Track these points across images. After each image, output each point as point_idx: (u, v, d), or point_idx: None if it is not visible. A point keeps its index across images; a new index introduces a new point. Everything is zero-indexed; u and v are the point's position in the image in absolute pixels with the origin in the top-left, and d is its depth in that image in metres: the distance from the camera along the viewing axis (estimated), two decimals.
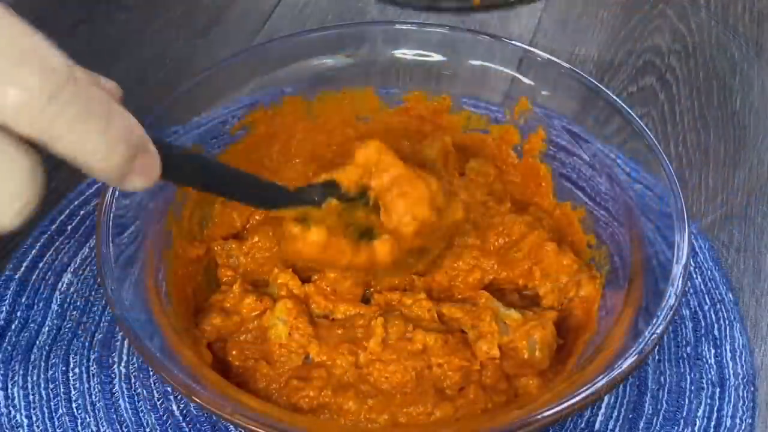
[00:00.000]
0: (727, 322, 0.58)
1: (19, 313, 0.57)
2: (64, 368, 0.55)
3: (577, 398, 0.42)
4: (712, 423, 0.54)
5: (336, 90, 0.59)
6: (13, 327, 0.56)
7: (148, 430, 0.53)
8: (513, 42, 0.58)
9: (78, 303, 0.58)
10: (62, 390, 0.54)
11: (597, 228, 0.55)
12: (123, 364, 0.55)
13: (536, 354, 0.51)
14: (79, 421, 0.53)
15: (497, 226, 0.56)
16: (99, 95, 0.30)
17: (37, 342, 0.56)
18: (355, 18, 0.80)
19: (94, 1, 0.82)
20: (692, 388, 0.55)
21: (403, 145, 0.60)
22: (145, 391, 0.54)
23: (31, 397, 0.53)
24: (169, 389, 0.54)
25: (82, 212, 0.63)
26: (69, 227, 0.62)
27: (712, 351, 0.57)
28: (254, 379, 0.50)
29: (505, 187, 0.59)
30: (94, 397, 0.54)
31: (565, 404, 0.42)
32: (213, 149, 0.57)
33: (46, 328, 0.57)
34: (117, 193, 0.49)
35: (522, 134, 0.59)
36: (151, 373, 0.55)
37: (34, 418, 0.53)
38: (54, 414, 0.53)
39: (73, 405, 0.53)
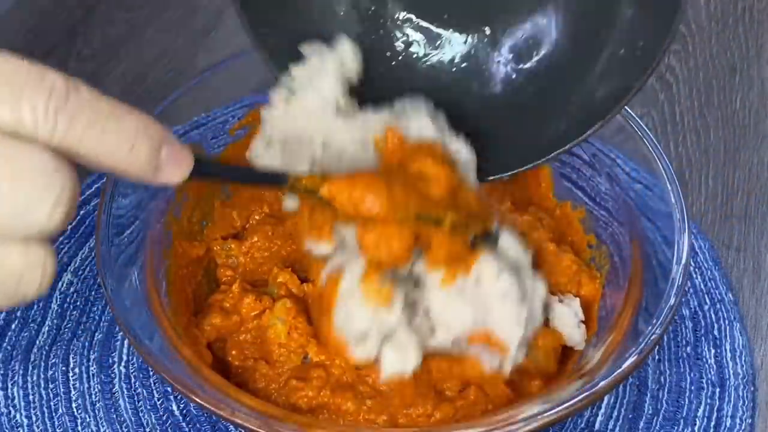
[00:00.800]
0: (727, 322, 0.58)
1: (18, 313, 0.57)
2: (64, 368, 0.55)
3: (577, 398, 0.42)
4: (712, 423, 0.54)
5: None
6: (13, 327, 0.56)
7: (148, 430, 0.53)
8: None
9: (78, 303, 0.58)
10: (62, 390, 0.54)
11: (597, 228, 0.55)
12: (123, 364, 0.55)
13: (541, 362, 0.50)
14: (79, 421, 0.53)
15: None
16: (105, 100, 0.33)
17: (37, 342, 0.56)
18: None
19: (94, 1, 0.82)
20: (692, 388, 0.55)
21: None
22: (145, 391, 0.54)
23: (31, 397, 0.53)
24: (169, 389, 0.54)
25: (82, 212, 0.63)
26: (69, 227, 0.62)
27: (712, 351, 0.57)
28: (253, 379, 0.50)
29: (505, 186, 0.59)
30: (94, 397, 0.54)
31: (565, 404, 0.42)
32: (213, 149, 0.57)
33: (46, 328, 0.57)
34: (117, 193, 0.49)
35: None
36: (151, 373, 0.55)
37: (34, 418, 0.53)
38: (54, 414, 0.53)
39: (73, 405, 0.53)
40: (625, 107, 0.53)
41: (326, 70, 0.49)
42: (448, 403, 0.48)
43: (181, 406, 0.54)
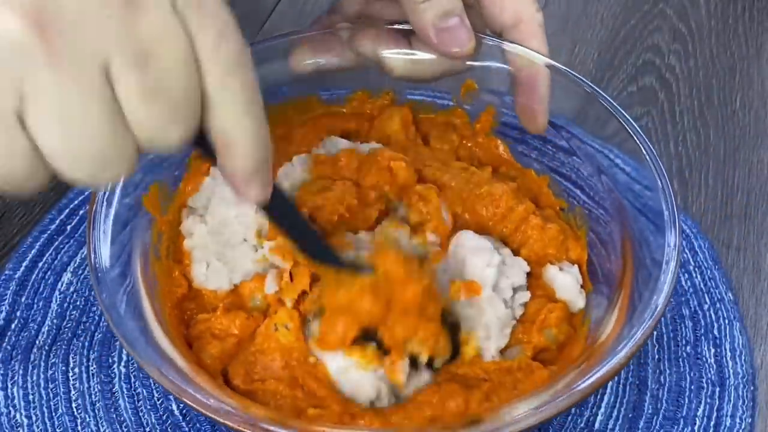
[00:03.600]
0: (726, 322, 0.58)
1: (19, 313, 0.57)
2: (64, 368, 0.55)
3: (581, 386, 0.42)
4: (712, 422, 0.54)
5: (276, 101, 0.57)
6: (13, 327, 0.56)
7: (148, 430, 0.53)
8: (512, 41, 0.58)
9: (78, 303, 0.58)
10: (62, 390, 0.54)
11: (562, 193, 0.56)
12: (123, 363, 0.55)
13: (558, 337, 0.50)
14: (79, 421, 0.53)
15: (484, 197, 0.54)
16: (260, 98, 0.37)
17: (37, 342, 0.56)
18: None
19: None
20: (692, 387, 0.55)
21: (363, 127, 0.59)
22: (145, 391, 0.54)
23: (31, 397, 0.54)
24: None
25: (81, 211, 0.63)
26: (69, 227, 0.62)
27: (712, 350, 0.57)
28: (265, 399, 0.47)
29: (471, 152, 0.59)
30: (94, 397, 0.54)
31: (568, 394, 0.41)
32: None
33: (46, 328, 0.57)
34: (105, 203, 0.48)
35: (471, 115, 0.59)
36: None
37: (34, 418, 0.53)
38: (54, 414, 0.53)
39: (73, 405, 0.53)
40: (617, 105, 0.54)
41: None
42: (476, 389, 0.46)
43: (181, 406, 0.54)
